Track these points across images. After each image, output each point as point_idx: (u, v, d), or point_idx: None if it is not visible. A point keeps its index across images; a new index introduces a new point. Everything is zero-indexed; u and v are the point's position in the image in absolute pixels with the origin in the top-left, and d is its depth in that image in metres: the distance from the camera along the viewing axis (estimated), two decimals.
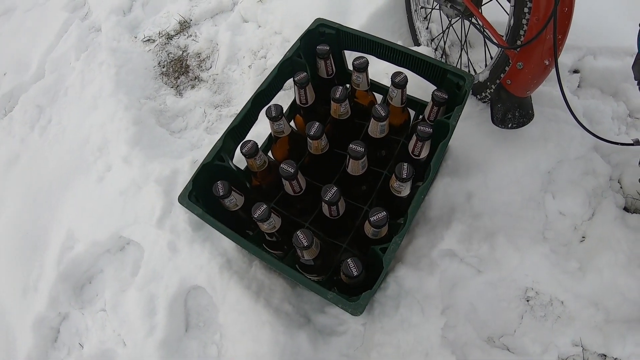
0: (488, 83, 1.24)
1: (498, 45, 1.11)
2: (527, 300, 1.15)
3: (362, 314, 0.84)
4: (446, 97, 0.96)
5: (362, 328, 1.12)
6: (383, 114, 0.90)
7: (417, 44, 1.58)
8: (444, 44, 1.51)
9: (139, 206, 1.40)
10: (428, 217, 1.19)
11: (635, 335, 1.04)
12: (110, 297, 1.34)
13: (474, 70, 1.41)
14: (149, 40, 1.99)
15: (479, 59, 1.49)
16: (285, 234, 0.95)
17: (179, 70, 1.80)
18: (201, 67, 1.79)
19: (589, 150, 1.29)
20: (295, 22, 1.65)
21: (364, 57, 1.00)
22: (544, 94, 1.38)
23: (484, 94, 1.29)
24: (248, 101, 0.98)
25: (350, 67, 1.07)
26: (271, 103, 0.96)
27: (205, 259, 1.23)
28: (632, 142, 1.04)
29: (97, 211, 1.48)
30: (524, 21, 1.01)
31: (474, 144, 1.29)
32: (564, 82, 1.48)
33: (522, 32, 1.04)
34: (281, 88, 1.06)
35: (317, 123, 0.90)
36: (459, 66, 1.47)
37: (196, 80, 1.75)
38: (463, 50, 1.43)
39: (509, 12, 1.07)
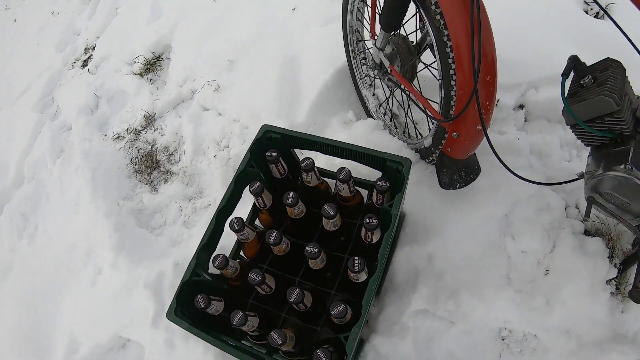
0: (432, 148, 1.39)
1: (432, 118, 1.26)
2: (503, 339, 1.28)
3: None
4: (387, 185, 1.10)
5: None
6: (332, 213, 1.04)
7: (367, 110, 1.75)
8: (390, 108, 1.68)
9: (133, 308, 1.53)
10: (395, 284, 1.33)
11: (607, 354, 1.18)
12: None
13: (420, 134, 1.56)
14: (118, 137, 2.15)
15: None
16: (265, 328, 1.08)
17: (150, 165, 1.95)
18: (171, 160, 1.95)
19: (539, 187, 1.42)
20: (251, 108, 1.82)
21: (309, 159, 1.14)
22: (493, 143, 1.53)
23: (431, 158, 1.43)
24: (212, 218, 1.13)
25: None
26: (232, 217, 1.11)
27: (200, 352, 1.36)
28: (576, 177, 1.13)
29: (95, 314, 1.61)
30: (453, 93, 1.14)
31: (429, 207, 1.44)
32: (510, 120, 1.63)
33: (453, 103, 1.16)
34: (240, 198, 1.21)
35: (275, 231, 1.04)
36: (408, 127, 1.62)
37: (168, 174, 1.91)
38: (407, 117, 1.58)
39: (439, 84, 1.20)
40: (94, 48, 2.80)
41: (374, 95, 1.72)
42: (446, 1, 1.05)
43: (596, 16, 1.86)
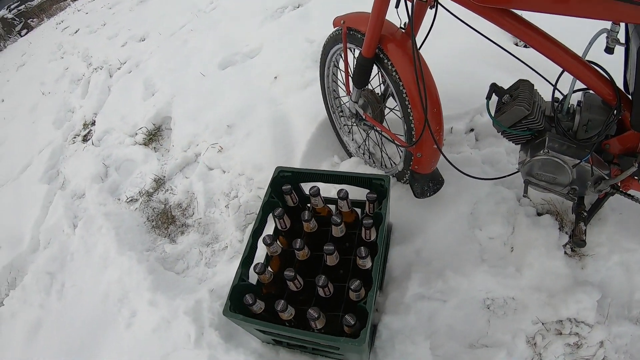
0: (405, 170, 1.90)
1: (400, 146, 1.78)
2: (488, 307, 1.68)
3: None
4: (375, 196, 1.58)
5: None
6: (339, 221, 1.51)
7: (348, 153, 2.27)
8: (368, 148, 2.20)
9: (175, 336, 1.88)
10: (393, 276, 1.78)
11: (573, 295, 1.58)
12: None
13: (394, 163, 2.08)
14: (131, 200, 2.58)
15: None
16: (298, 318, 1.49)
17: (167, 221, 2.38)
18: (185, 214, 2.39)
19: (492, 186, 1.91)
20: (253, 162, 2.32)
21: (315, 186, 1.63)
22: (450, 159, 2.02)
23: (405, 179, 1.94)
24: (249, 237, 1.58)
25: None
26: (264, 234, 1.56)
27: None
28: (515, 170, 1.59)
29: (135, 351, 1.93)
30: (412, 125, 1.65)
31: (410, 215, 1.92)
32: (464, 142, 2.16)
33: (413, 133, 1.66)
34: (266, 222, 1.67)
35: (299, 240, 1.50)
36: (384, 159, 2.14)
37: (184, 226, 2.35)
38: (383, 152, 2.11)
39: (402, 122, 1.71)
40: (93, 123, 3.30)
41: (353, 140, 2.25)
42: (398, 61, 1.58)
43: (525, 46, 2.31)
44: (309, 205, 1.73)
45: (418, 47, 1.70)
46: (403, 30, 1.65)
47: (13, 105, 4.78)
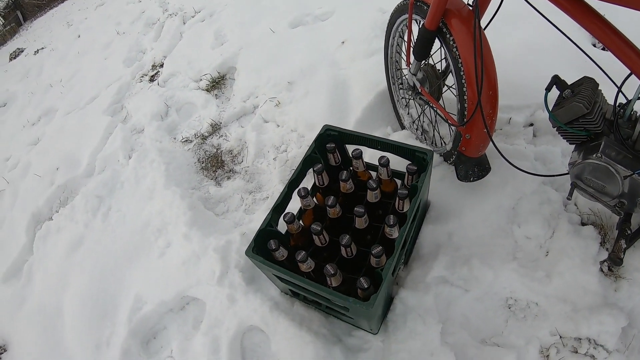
0: (453, 151, 1.88)
1: (451, 124, 1.77)
2: (509, 307, 1.65)
3: (379, 332, 1.46)
4: (415, 168, 1.59)
5: (382, 344, 1.65)
6: (374, 186, 1.54)
7: (402, 126, 2.27)
8: (421, 124, 2.20)
9: (201, 271, 2.00)
10: (420, 254, 1.79)
11: (598, 316, 1.51)
12: (177, 345, 1.87)
13: (444, 142, 2.07)
14: (186, 140, 2.71)
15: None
16: (317, 273, 1.54)
17: (215, 165, 2.49)
18: (234, 161, 2.49)
19: (540, 185, 1.86)
20: (307, 121, 2.37)
21: (359, 149, 1.65)
22: (501, 149, 1.97)
23: (451, 159, 1.93)
24: (285, 187, 1.63)
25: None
26: (300, 186, 1.61)
27: (257, 304, 1.80)
28: (566, 171, 1.53)
29: (162, 279, 2.07)
30: (466, 105, 1.62)
31: (450, 197, 1.91)
32: (521, 135, 2.10)
33: (466, 113, 1.64)
34: (305, 176, 1.72)
35: (333, 197, 1.53)
36: (435, 138, 2.13)
37: (231, 172, 2.45)
38: (434, 129, 2.10)
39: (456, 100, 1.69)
40: (161, 65, 3.46)
41: (408, 114, 2.24)
42: (460, 37, 1.55)
43: (603, 49, 2.24)
44: (351, 167, 1.77)
45: (484, 27, 1.68)
46: (470, 7, 1.62)
47: (88, 41, 5.07)
